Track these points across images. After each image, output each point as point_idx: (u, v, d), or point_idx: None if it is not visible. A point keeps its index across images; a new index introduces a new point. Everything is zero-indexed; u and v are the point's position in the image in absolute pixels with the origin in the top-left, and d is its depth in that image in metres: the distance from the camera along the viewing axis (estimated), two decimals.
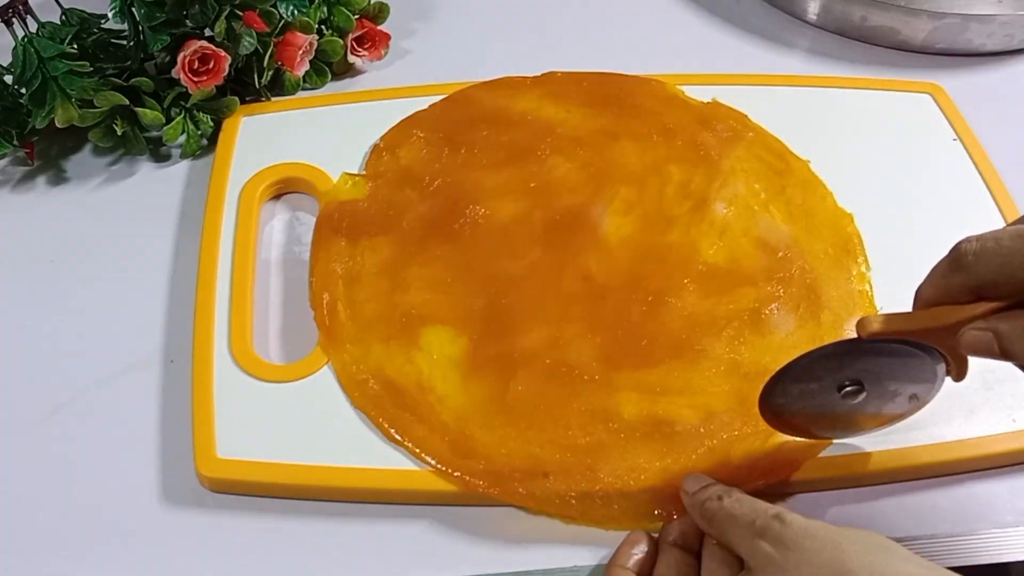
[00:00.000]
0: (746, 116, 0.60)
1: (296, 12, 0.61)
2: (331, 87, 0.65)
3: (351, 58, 0.65)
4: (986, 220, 0.55)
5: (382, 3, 0.65)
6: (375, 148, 0.58)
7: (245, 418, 0.47)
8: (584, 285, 0.52)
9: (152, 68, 0.60)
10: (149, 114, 0.58)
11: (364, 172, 0.57)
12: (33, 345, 0.51)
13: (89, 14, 0.59)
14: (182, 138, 0.59)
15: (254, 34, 0.59)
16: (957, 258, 0.37)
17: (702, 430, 0.47)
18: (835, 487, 0.46)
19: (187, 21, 0.58)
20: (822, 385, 0.42)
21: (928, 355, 0.40)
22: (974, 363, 0.49)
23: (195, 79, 0.58)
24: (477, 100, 0.61)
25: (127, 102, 0.57)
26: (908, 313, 0.39)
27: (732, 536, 0.40)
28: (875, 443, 0.46)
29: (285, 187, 0.57)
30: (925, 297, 0.39)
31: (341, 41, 0.64)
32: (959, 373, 0.41)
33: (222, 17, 0.57)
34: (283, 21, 0.61)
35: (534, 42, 0.68)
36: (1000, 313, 0.37)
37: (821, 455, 0.46)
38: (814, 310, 0.51)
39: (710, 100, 0.61)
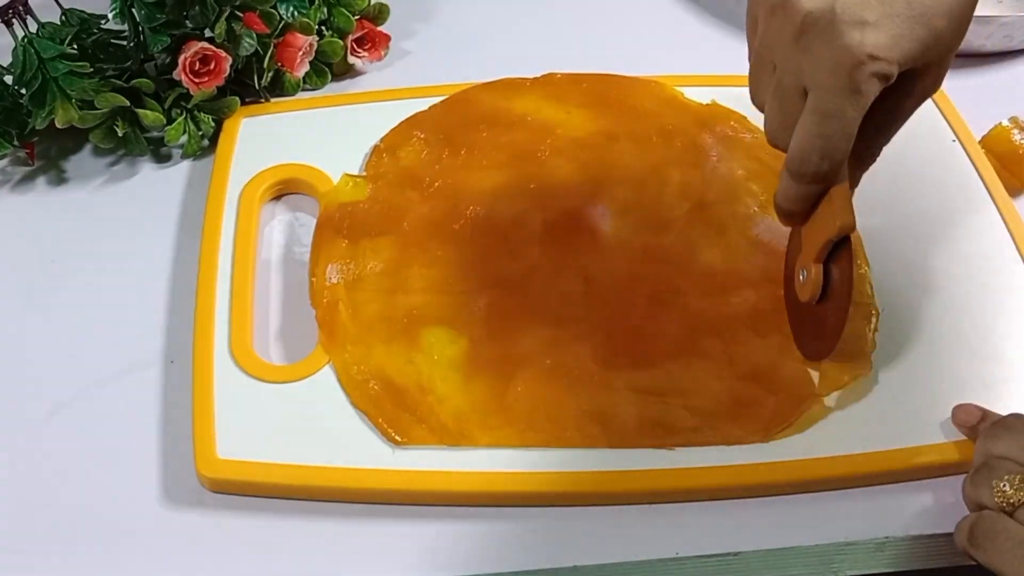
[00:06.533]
0: (745, 117, 0.60)
1: (296, 13, 0.61)
2: (331, 88, 0.65)
3: (351, 59, 0.65)
4: (985, 220, 0.55)
5: (382, 4, 0.66)
6: (375, 149, 0.58)
7: (245, 418, 0.47)
8: (583, 286, 0.52)
9: (152, 69, 0.60)
10: (150, 115, 0.58)
11: (364, 173, 0.57)
12: (33, 345, 0.51)
13: (89, 15, 0.59)
14: (183, 138, 0.59)
15: (254, 35, 0.59)
16: None
17: (699, 431, 0.47)
18: (835, 487, 0.46)
19: (187, 22, 0.58)
20: None
21: None
22: (973, 361, 0.49)
23: (196, 80, 0.58)
24: (477, 101, 0.61)
25: (128, 103, 0.57)
26: None
27: None
28: (875, 443, 0.47)
29: (285, 188, 0.57)
30: None
31: (341, 42, 0.64)
32: None
33: (222, 18, 0.57)
34: (283, 22, 0.61)
35: (534, 43, 0.68)
36: None
37: (822, 455, 0.46)
38: None
39: (709, 102, 0.61)
